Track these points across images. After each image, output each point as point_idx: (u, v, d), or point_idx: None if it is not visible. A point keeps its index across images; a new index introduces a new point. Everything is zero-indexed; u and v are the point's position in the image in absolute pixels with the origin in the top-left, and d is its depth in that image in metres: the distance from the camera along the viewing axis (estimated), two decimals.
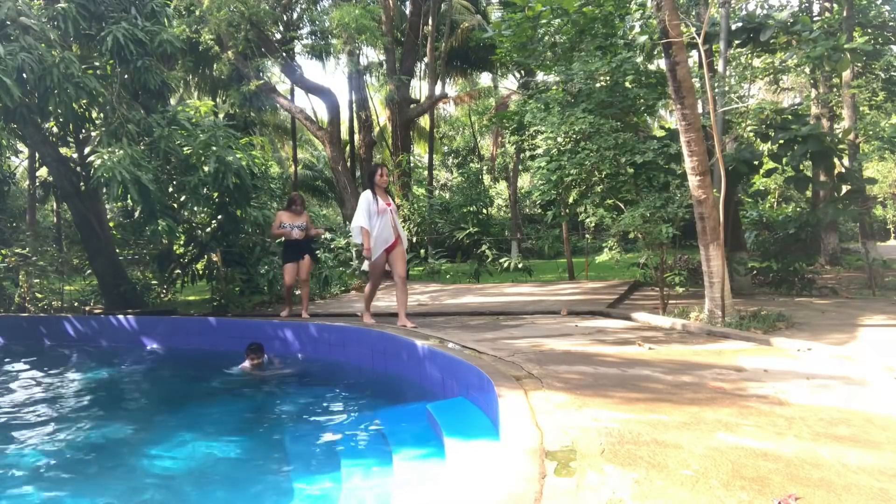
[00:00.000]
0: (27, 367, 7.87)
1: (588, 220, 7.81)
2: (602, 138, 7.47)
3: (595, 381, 4.21)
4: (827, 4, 13.94)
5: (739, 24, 8.68)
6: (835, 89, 14.24)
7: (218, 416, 5.54)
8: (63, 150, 11.23)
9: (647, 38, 8.42)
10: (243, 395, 6.26)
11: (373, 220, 6.70)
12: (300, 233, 8.35)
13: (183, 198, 9.81)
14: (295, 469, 4.16)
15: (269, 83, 15.58)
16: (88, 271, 12.27)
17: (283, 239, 8.63)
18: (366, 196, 6.81)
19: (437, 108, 23.18)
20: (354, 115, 17.19)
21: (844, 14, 11.54)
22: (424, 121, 24.08)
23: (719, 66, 7.96)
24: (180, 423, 5.37)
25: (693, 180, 6.14)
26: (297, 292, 8.80)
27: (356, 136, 17.70)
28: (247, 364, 6.74)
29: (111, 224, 12.02)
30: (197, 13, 12.00)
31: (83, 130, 11.09)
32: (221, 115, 13.83)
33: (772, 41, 8.55)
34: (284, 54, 14.92)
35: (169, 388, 6.91)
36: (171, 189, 9.87)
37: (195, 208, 10.24)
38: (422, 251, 14.79)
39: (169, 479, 4.10)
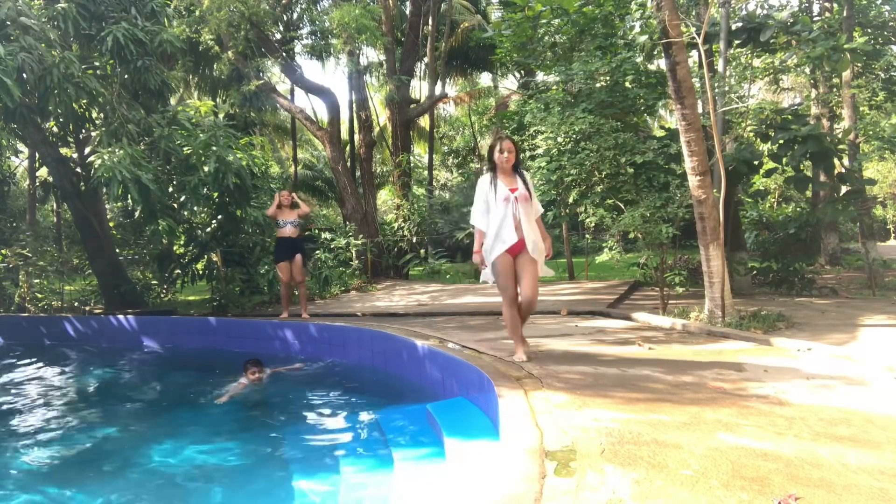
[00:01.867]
0: (27, 367, 7.86)
1: (588, 220, 7.81)
2: (602, 138, 7.48)
3: (595, 381, 4.21)
4: (827, 4, 13.94)
5: (739, 24, 8.68)
6: (835, 89, 14.24)
7: (217, 415, 5.53)
8: (63, 150, 11.23)
9: (647, 38, 8.42)
10: (243, 395, 6.26)
11: (491, 213, 4.88)
12: (293, 229, 8.38)
13: (183, 198, 9.82)
14: (295, 469, 4.16)
15: (269, 83, 15.59)
16: (88, 271, 12.27)
17: (276, 237, 8.65)
18: (482, 182, 5.01)
19: (437, 108, 23.16)
20: (354, 115, 17.17)
21: (844, 14, 11.54)
22: (424, 121, 24.06)
23: (719, 66, 7.96)
24: (180, 423, 5.37)
25: (693, 180, 6.15)
26: (297, 292, 8.81)
27: (356, 136, 17.68)
28: (244, 380, 6.19)
29: (111, 224, 12.02)
30: (197, 13, 12.00)
31: (83, 130, 11.10)
32: (221, 115, 13.81)
33: (772, 41, 8.55)
34: (284, 54, 14.92)
35: (168, 388, 6.91)
36: (171, 189, 9.87)
37: (195, 208, 10.25)
38: (422, 251, 14.79)
39: (168, 479, 4.09)
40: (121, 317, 9.26)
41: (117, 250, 11.67)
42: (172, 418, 5.61)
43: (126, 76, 9.65)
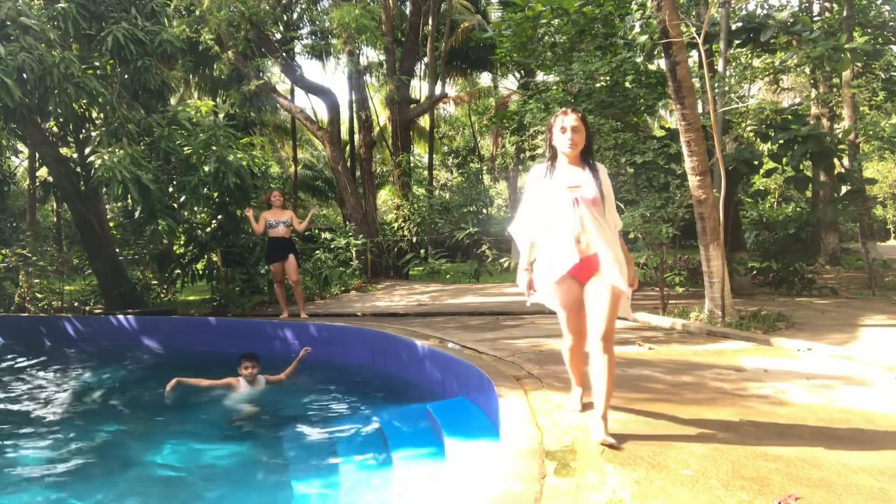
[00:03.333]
0: (27, 367, 7.86)
1: None
2: (602, 138, 7.48)
3: None
4: (827, 4, 13.95)
5: (739, 24, 8.68)
6: (835, 89, 14.24)
7: (217, 415, 5.53)
8: (63, 150, 11.23)
9: (647, 38, 8.43)
10: (243, 395, 6.25)
11: (541, 218, 3.28)
12: (286, 229, 8.38)
13: (183, 198, 9.81)
14: (295, 469, 4.16)
15: (269, 83, 15.58)
16: (88, 271, 12.26)
17: (267, 237, 8.64)
18: (531, 175, 3.41)
19: (437, 108, 23.16)
20: (354, 115, 17.16)
21: (844, 14, 11.54)
22: (424, 121, 24.06)
23: (719, 66, 7.97)
24: (180, 423, 5.37)
25: (693, 180, 6.15)
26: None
27: (356, 136, 17.68)
28: (241, 379, 5.96)
29: (111, 224, 12.01)
30: (197, 13, 11.99)
31: (83, 130, 11.09)
32: (221, 115, 13.84)
33: (772, 41, 8.55)
34: (284, 54, 14.91)
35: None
36: (171, 189, 9.87)
37: (195, 208, 10.24)
38: (422, 251, 14.79)
39: (168, 479, 4.09)
40: (121, 317, 9.25)
41: (117, 250, 11.67)
42: (171, 418, 5.61)
43: (126, 76, 9.64)
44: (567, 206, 3.18)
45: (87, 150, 10.92)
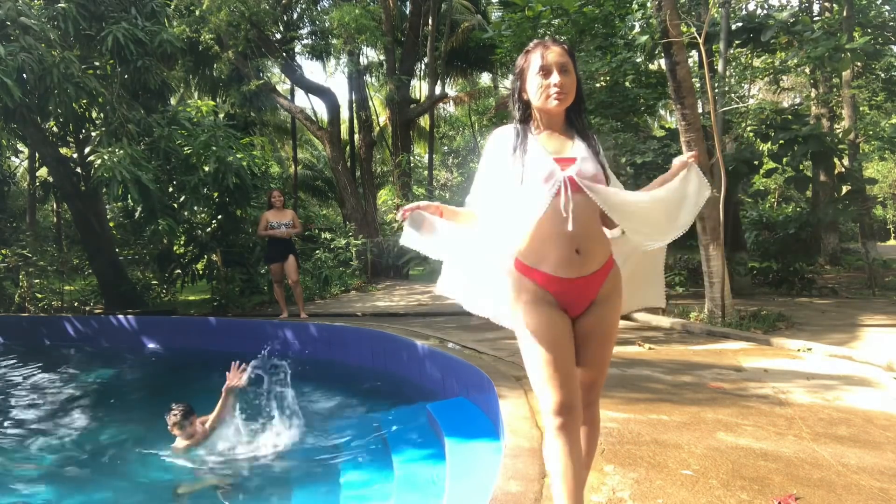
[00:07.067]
0: (27, 367, 7.86)
1: None
2: (602, 138, 7.48)
3: None
4: (827, 4, 13.94)
5: (740, 24, 8.68)
6: (835, 89, 14.23)
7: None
8: (63, 150, 11.23)
9: (647, 38, 8.43)
10: (242, 396, 6.25)
11: (506, 203, 1.99)
12: (286, 230, 8.36)
13: (183, 198, 9.81)
14: (294, 469, 4.16)
15: (269, 83, 15.58)
16: (88, 271, 12.26)
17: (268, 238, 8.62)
18: (496, 139, 2.07)
19: (437, 108, 23.14)
20: (354, 115, 17.18)
21: (844, 14, 11.54)
22: (424, 121, 24.03)
23: (719, 66, 7.97)
24: None
25: None
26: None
27: (356, 136, 17.69)
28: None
29: (111, 224, 12.02)
30: (197, 13, 11.99)
31: (83, 130, 11.09)
32: (221, 115, 13.83)
33: (772, 41, 8.55)
34: (284, 54, 14.91)
35: (168, 389, 6.90)
36: (171, 189, 9.87)
37: (195, 208, 10.24)
38: None
39: (169, 479, 4.09)
40: (121, 317, 9.25)
41: (117, 250, 11.67)
42: None
43: (126, 76, 9.64)
44: (554, 186, 1.91)
45: (87, 150, 10.92)
